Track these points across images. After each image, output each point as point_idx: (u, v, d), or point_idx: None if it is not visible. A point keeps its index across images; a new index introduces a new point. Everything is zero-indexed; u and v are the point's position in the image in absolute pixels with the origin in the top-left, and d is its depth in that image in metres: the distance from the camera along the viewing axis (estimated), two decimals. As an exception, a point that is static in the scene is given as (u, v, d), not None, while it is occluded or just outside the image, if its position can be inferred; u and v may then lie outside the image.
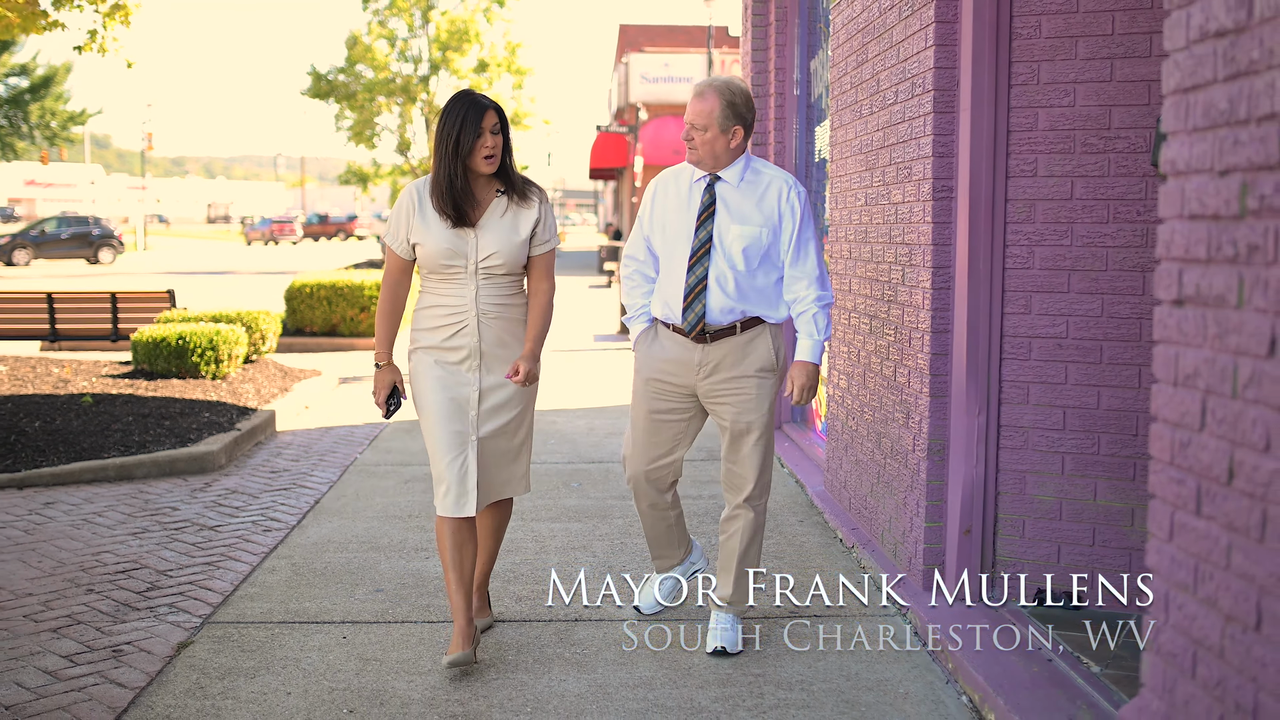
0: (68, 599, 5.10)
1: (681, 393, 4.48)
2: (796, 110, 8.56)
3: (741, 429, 4.39)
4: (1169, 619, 2.56)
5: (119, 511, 6.57)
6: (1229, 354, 2.32)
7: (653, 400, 4.51)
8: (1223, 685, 2.35)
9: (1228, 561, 2.33)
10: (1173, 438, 2.54)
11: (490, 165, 4.23)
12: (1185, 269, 2.48)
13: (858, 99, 5.96)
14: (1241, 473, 2.28)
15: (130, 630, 4.73)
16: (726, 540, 4.53)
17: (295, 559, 5.69)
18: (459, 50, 38.41)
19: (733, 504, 4.50)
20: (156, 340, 9.96)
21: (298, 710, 3.98)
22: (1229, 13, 2.31)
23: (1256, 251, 2.23)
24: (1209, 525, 2.40)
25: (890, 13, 5.36)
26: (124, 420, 8.27)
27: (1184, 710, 2.49)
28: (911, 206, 5.06)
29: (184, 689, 4.16)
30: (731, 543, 4.50)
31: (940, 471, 4.88)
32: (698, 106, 4.30)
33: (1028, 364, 4.67)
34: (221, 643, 4.61)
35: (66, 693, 4.11)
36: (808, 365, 4.35)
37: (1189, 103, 2.46)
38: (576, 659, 4.42)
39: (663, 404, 4.50)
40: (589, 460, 7.99)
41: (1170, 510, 2.55)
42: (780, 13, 8.68)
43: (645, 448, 4.56)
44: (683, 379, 4.45)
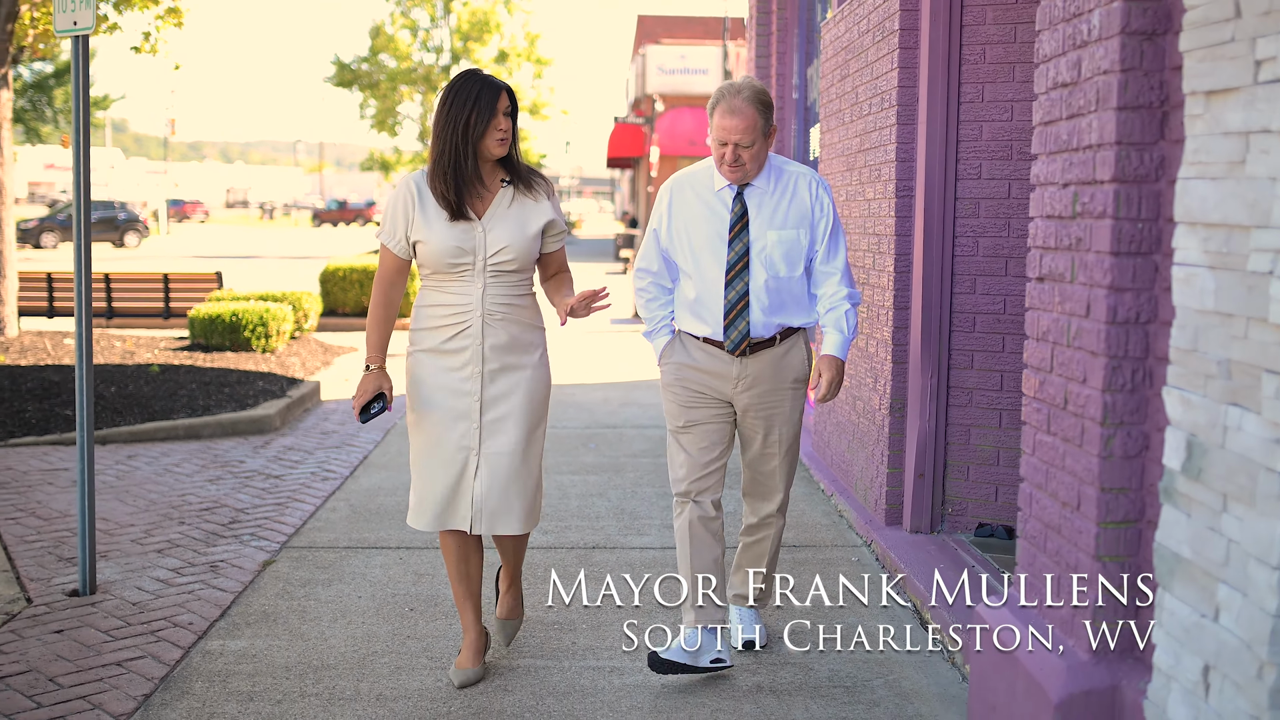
0: (164, 529, 6.05)
1: (719, 400, 4.29)
2: (795, 112, 9.46)
3: (775, 439, 4.31)
4: (1031, 511, 3.48)
5: (193, 464, 7.53)
6: (1065, 315, 3.24)
7: (691, 411, 4.30)
8: (1059, 553, 3.27)
9: (1064, 464, 3.25)
10: (1034, 378, 3.46)
11: (502, 149, 3.97)
12: (1043, 254, 3.40)
13: (841, 108, 6.87)
14: (1071, 400, 3.20)
15: (221, 552, 5.67)
16: (755, 544, 4.48)
17: (352, 501, 6.64)
18: (480, 40, 39.36)
19: (762, 513, 4.42)
20: (212, 317, 10.96)
21: (368, 609, 4.92)
22: (1068, 70, 3.23)
23: (1080, 242, 3.15)
24: (1054, 439, 3.32)
25: (866, 36, 6.26)
26: (188, 387, 9.25)
27: (1038, 576, 3.41)
28: (880, 203, 5.97)
29: (273, 593, 5.11)
30: (761, 546, 4.47)
31: (900, 426, 5.79)
32: (739, 124, 4.03)
33: (972, 335, 5.57)
34: (299, 562, 5.55)
35: (178, 595, 5.06)
36: (837, 361, 4.21)
37: (1045, 133, 3.38)
38: (594, 575, 5.36)
39: (702, 412, 4.30)
40: (604, 425, 8.94)
41: (1034, 431, 3.48)
42: (781, 23, 9.57)
43: (693, 454, 4.30)
44: (719, 390, 4.27)
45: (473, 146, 3.92)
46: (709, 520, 4.27)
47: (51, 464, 7.36)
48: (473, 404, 4.00)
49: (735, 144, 4.05)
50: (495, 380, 4.02)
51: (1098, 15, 3.06)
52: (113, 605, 4.90)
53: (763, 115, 4.07)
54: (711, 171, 4.23)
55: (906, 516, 5.69)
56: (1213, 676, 2.57)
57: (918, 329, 5.61)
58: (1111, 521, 3.05)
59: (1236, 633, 2.48)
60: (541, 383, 4.13)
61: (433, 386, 4.04)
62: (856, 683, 4.19)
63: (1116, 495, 3.05)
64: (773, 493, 4.38)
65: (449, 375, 4.02)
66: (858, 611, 4.81)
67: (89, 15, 4.65)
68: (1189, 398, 2.67)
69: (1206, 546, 2.59)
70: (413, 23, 38.82)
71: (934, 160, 5.51)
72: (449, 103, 3.92)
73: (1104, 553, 3.06)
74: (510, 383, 4.04)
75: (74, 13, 4.70)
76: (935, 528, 5.67)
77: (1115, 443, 3.04)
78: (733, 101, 4.05)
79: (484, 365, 4.00)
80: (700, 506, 4.28)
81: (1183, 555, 2.69)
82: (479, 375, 4.00)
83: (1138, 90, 2.96)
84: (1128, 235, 2.98)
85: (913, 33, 5.63)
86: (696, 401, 4.29)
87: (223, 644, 4.52)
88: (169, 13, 11.86)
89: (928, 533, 5.65)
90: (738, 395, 4.26)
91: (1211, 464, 2.58)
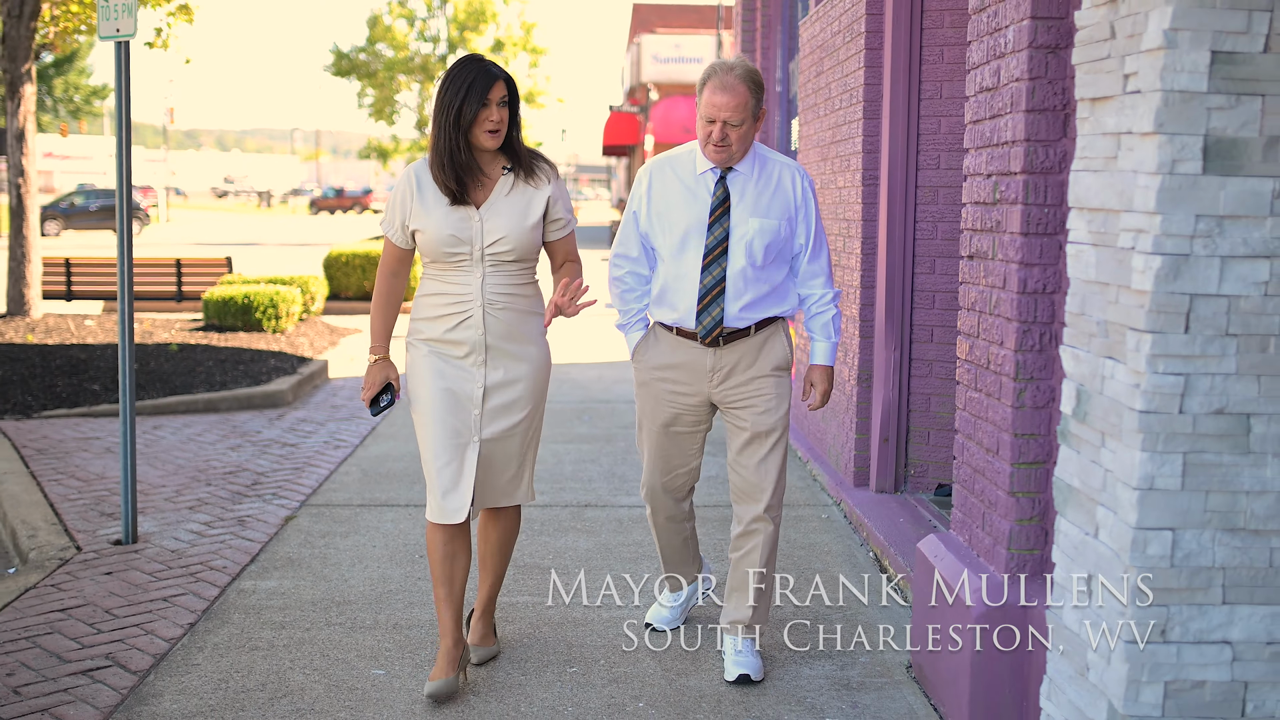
0: (193, 489, 6.59)
1: (694, 401, 4.16)
2: (779, 105, 9.98)
3: (762, 431, 4.10)
4: (963, 458, 4.03)
5: (214, 434, 8.06)
6: (988, 288, 3.78)
7: (664, 413, 4.20)
8: (983, 492, 3.82)
9: (986, 415, 3.79)
10: (965, 343, 4.00)
11: (494, 140, 3.87)
12: (972, 235, 3.94)
13: (816, 102, 7.40)
14: (992, 360, 3.74)
15: (246, 509, 6.21)
16: (743, 557, 4.17)
17: (364, 466, 7.18)
18: (476, 30, 39.81)
19: (749, 517, 4.15)
20: (225, 299, 11.51)
21: (382, 555, 5.46)
22: (990, 77, 3.77)
23: (999, 224, 3.69)
24: (979, 394, 3.86)
25: (837, 37, 6.79)
26: (205, 364, 9.80)
27: (967, 512, 3.96)
28: (849, 191, 6.51)
29: (297, 543, 5.66)
30: (750, 559, 4.15)
31: (867, 395, 6.33)
32: (730, 100, 3.89)
33: (932, 312, 6.10)
34: (318, 517, 6.10)
35: (211, 544, 5.59)
36: (829, 371, 4.20)
37: (973, 131, 3.91)
38: (586, 528, 5.91)
39: (676, 416, 4.20)
40: (597, 400, 9.49)
41: (964, 389, 4.02)
42: (765, 20, 10.10)
43: (662, 460, 4.27)
44: (694, 386, 4.14)
45: (464, 135, 3.85)
46: (674, 516, 4.38)
47: (83, 433, 7.90)
48: (475, 391, 3.95)
49: (724, 121, 3.90)
50: (497, 368, 3.96)
51: (1012, 31, 3.60)
52: (153, 553, 5.45)
53: (754, 95, 3.93)
54: (694, 155, 4.10)
55: (873, 478, 6.23)
56: (1094, 584, 3.11)
57: (882, 306, 6.14)
58: (1023, 462, 3.60)
59: (1109, 545, 3.02)
60: (543, 370, 4.09)
61: (433, 375, 3.95)
62: (818, 616, 4.73)
63: (1027, 440, 3.59)
64: (759, 492, 4.11)
65: (450, 365, 3.96)
66: (824, 560, 5.36)
67: (130, 23, 5.17)
68: (1078, 353, 3.21)
69: (1089, 476, 3.14)
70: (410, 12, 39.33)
71: (897, 151, 6.04)
72: (444, 90, 3.86)
73: (1017, 489, 3.61)
74: (512, 371, 3.99)
75: (117, 20, 5.22)
76: (899, 488, 6.21)
77: (1026, 395, 3.58)
78: (725, 78, 3.91)
79: (486, 354, 3.95)
80: (667, 508, 4.35)
81: (1073, 485, 3.24)
82: (481, 364, 3.95)
83: (1044, 95, 3.49)
84: (1035, 219, 3.52)
85: (878, 34, 6.15)
86: (671, 410, 4.19)
87: (254, 584, 5.07)
88: (180, 10, 12.37)
89: (892, 493, 6.19)
90: (715, 390, 4.13)
91: (1093, 408, 3.12)
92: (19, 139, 11.31)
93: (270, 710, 3.87)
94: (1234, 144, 2.80)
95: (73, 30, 11.74)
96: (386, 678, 4.14)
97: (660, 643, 4.45)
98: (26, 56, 11.27)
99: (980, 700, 3.62)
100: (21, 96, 11.25)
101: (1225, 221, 2.82)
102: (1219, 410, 2.87)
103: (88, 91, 60.29)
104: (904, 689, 4.08)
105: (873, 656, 4.35)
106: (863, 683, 4.12)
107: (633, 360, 4.28)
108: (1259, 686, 2.93)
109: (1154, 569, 2.90)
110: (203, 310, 12.01)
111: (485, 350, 3.95)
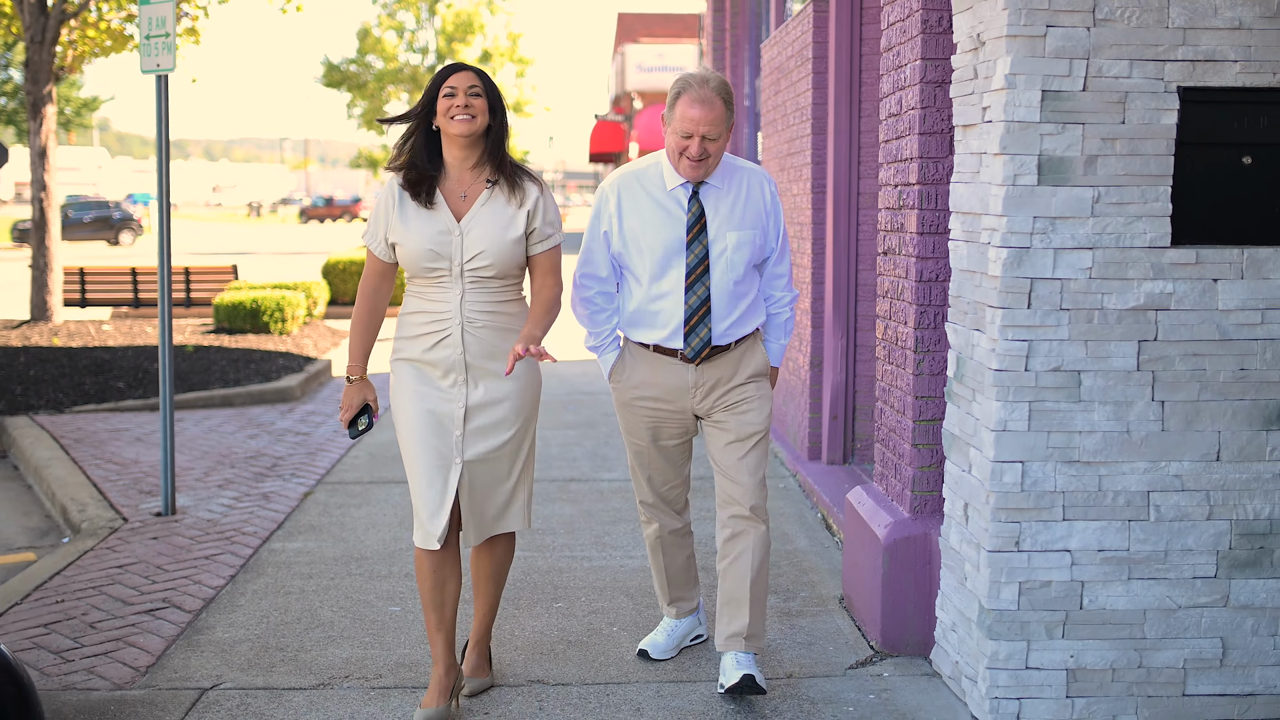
0: (219, 471, 7.38)
1: (678, 416, 4.10)
2: (748, 118, 10.80)
3: (746, 436, 4.05)
4: (881, 421, 4.84)
5: (232, 425, 8.85)
6: (897, 278, 4.59)
7: (650, 430, 4.14)
8: (895, 447, 4.63)
9: (896, 383, 4.60)
10: (882, 324, 4.81)
11: (462, 126, 3.72)
12: (885, 235, 4.75)
13: (774, 118, 8.21)
14: (899, 338, 4.56)
15: (268, 487, 7.00)
16: (733, 564, 4.04)
17: (371, 451, 7.97)
18: (464, 41, 40.64)
19: (737, 519, 4.04)
20: (235, 304, 12.34)
21: (392, 521, 6.25)
22: (895, 105, 4.58)
23: (903, 226, 4.50)
24: (891, 366, 4.67)
25: (790, 60, 7.60)
26: (219, 364, 10.60)
27: (884, 465, 4.76)
28: (801, 198, 7.32)
29: (316, 512, 6.45)
30: (740, 565, 4.02)
31: (819, 379, 7.14)
32: (708, 114, 3.80)
33: (873, 303, 6.90)
34: (333, 492, 6.89)
35: (241, 515, 6.38)
36: (776, 371, 4.26)
37: (885, 148, 4.73)
38: (571, 498, 6.71)
39: (662, 432, 4.15)
40: (582, 392, 10.30)
41: (881, 363, 4.83)
42: (734, 40, 10.92)
43: (656, 473, 4.23)
44: (677, 403, 4.07)
45: (432, 125, 3.79)
46: (676, 530, 4.33)
47: (113, 426, 8.69)
48: (456, 412, 3.83)
49: (703, 136, 3.81)
50: (479, 388, 3.84)
51: (909, 68, 4.41)
52: (191, 522, 6.24)
53: (728, 109, 3.87)
54: (661, 168, 3.99)
55: (824, 452, 7.03)
56: (969, 510, 3.92)
57: (830, 299, 6.95)
58: (923, 420, 4.40)
59: (977, 476, 3.82)
60: (529, 388, 3.93)
61: (415, 398, 3.85)
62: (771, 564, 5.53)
63: (925, 401, 4.40)
64: (745, 492, 4.02)
65: (431, 386, 3.85)
66: (779, 521, 6.16)
67: (170, 59, 5.96)
68: (956, 328, 4.01)
69: (965, 425, 3.94)
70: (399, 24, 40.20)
71: (840, 163, 6.85)
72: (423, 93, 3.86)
73: (919, 442, 4.41)
74: (495, 390, 3.85)
75: (157, 56, 6.01)
76: (847, 460, 7.02)
77: (924, 364, 4.39)
78: (701, 91, 3.81)
79: (467, 374, 3.83)
80: (667, 521, 4.31)
81: (955, 433, 4.04)
82: (462, 384, 3.83)
83: (933, 121, 4.30)
84: (928, 221, 4.33)
85: (823, 59, 6.96)
86: (657, 427, 4.13)
87: (283, 545, 5.86)
88: (187, 32, 13.15)
89: (841, 464, 6.99)
90: (698, 404, 4.07)
91: (967, 370, 3.92)
92: (41, 155, 12.13)
93: (306, 637, 4.66)
94: (1061, 161, 3.62)
95: (87, 53, 12.53)
96: (401, 613, 4.93)
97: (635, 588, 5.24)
98: (47, 79, 12.07)
99: (890, 614, 4.43)
100: (43, 116, 12.06)
101: (1057, 221, 3.64)
102: (1056, 368, 3.68)
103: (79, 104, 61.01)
104: (835, 615, 4.88)
105: (811, 591, 5.16)
106: (801, 611, 4.92)
107: (610, 381, 4.19)
108: (1092, 584, 3.75)
109: (1009, 494, 3.71)
110: (213, 314, 12.84)
111: (465, 369, 3.82)
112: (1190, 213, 3.68)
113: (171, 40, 5.94)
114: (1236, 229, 3.70)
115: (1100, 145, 3.62)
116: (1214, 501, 3.74)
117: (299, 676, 4.28)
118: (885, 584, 4.42)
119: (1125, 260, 3.66)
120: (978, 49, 3.83)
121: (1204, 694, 3.80)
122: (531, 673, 4.32)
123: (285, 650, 4.53)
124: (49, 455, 7.69)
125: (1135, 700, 3.79)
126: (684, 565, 4.39)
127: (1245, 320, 3.69)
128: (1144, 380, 3.69)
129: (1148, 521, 3.73)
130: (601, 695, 4.13)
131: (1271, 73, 3.63)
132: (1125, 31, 3.60)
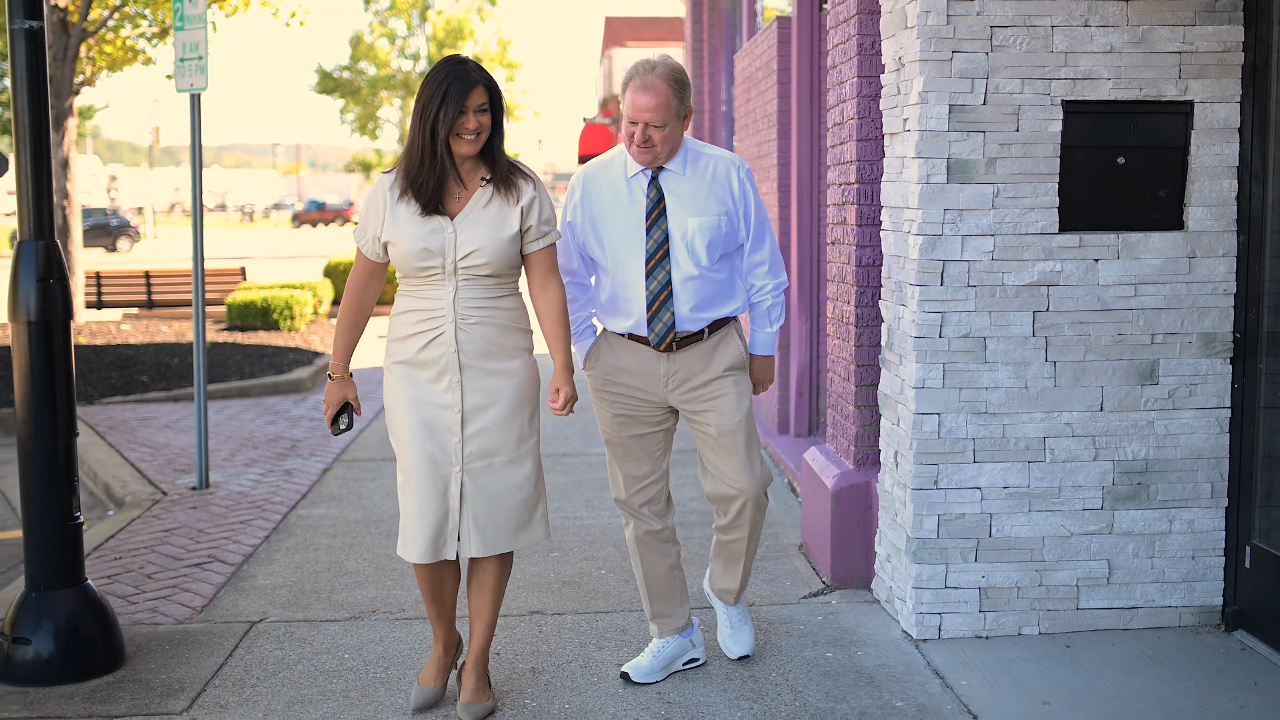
0: (244, 452, 8.10)
1: (652, 404, 4.08)
2: (725, 123, 11.53)
3: (727, 432, 4.02)
4: (831, 389, 5.57)
5: (250, 413, 9.58)
6: (841, 264, 5.33)
7: (624, 421, 4.11)
8: (842, 409, 5.37)
9: (842, 354, 5.34)
10: (830, 305, 5.55)
11: (472, 146, 3.66)
12: (833, 227, 5.49)
13: (746, 124, 8.95)
14: (843, 316, 5.30)
15: (290, 464, 7.73)
16: (730, 543, 4.22)
17: (380, 433, 8.70)
18: (455, 46, 41.34)
19: (722, 496, 4.10)
20: (246, 303, 13.10)
21: (404, 491, 6.98)
22: (838, 114, 5.32)
23: (845, 220, 5.24)
24: (838, 340, 5.41)
25: (759, 70, 8.34)
26: (235, 358, 11.33)
27: (834, 425, 5.50)
28: (770, 196, 8.05)
29: (335, 485, 7.18)
30: (736, 547, 4.20)
31: (785, 359, 7.87)
32: (650, 101, 3.78)
33: (835, 291, 7.63)
34: (349, 468, 7.62)
35: (268, 488, 7.10)
36: (767, 360, 4.24)
37: (832, 152, 5.47)
38: (563, 470, 7.44)
39: (635, 419, 4.11)
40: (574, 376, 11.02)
41: (830, 338, 5.57)
42: (711, 50, 11.67)
43: (630, 467, 4.16)
44: (650, 392, 4.06)
45: (441, 143, 3.64)
46: (655, 532, 4.20)
47: (141, 415, 9.41)
48: (453, 417, 3.72)
49: (646, 123, 3.81)
50: (475, 389, 3.73)
51: (848, 84, 5.15)
52: (224, 494, 6.96)
53: (677, 94, 3.83)
54: (624, 157, 4.00)
55: (791, 425, 7.77)
56: (898, 457, 4.65)
57: (796, 286, 7.68)
58: (863, 385, 5.14)
59: (903, 427, 4.56)
60: (528, 387, 3.84)
61: (409, 401, 3.74)
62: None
63: (865, 369, 5.14)
64: (740, 490, 4.06)
65: (425, 389, 3.74)
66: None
67: (203, 79, 6.68)
68: (887, 304, 4.75)
69: (894, 385, 4.68)
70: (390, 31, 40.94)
71: (803, 164, 7.58)
72: (423, 90, 3.67)
73: (860, 404, 5.15)
74: (492, 391, 3.75)
75: (190, 77, 6.73)
76: (812, 433, 7.76)
77: (864, 337, 5.12)
78: (646, 78, 3.81)
79: (461, 374, 3.71)
80: (644, 521, 4.19)
81: (887, 393, 4.78)
82: (457, 385, 3.72)
83: (868, 130, 5.04)
84: (865, 214, 5.07)
85: (787, 70, 7.70)
86: (629, 416, 4.11)
87: (308, 512, 6.59)
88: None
89: (806, 436, 7.73)
90: (670, 394, 4.06)
91: (895, 340, 4.66)
92: (63, 166, 12.87)
93: (336, 582, 5.39)
94: (966, 163, 4.36)
95: (105, 68, 13.25)
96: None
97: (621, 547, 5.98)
98: (69, 94, 12.80)
99: (838, 553, 5.16)
100: (65, 129, 12.79)
101: (964, 213, 4.38)
102: (965, 335, 4.42)
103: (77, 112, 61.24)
104: (794, 559, 5.62)
105: (775, 540, 5.89)
106: (764, 556, 5.65)
107: (585, 369, 4.19)
108: (999, 516, 4.49)
109: (928, 440, 4.45)
110: (226, 313, 13.60)
111: (459, 370, 3.71)
112: (1074, 204, 4.42)
113: (205, 62, 6.66)
114: (1113, 217, 4.45)
115: (999, 149, 4.36)
116: (1099, 445, 4.48)
117: (333, 611, 5.02)
118: (834, 527, 5.16)
119: (1021, 245, 4.40)
120: (899, 70, 4.57)
121: (1094, 608, 4.55)
122: (531, 605, 5.05)
123: (319, 593, 5.26)
124: (87, 441, 8.40)
125: (1037, 614, 4.54)
126: (666, 575, 4.22)
127: (1121, 294, 4.44)
128: (1039, 344, 4.44)
129: (1044, 462, 4.48)
130: (592, 621, 4.86)
131: (1139, 89, 4.38)
132: (1017, 55, 4.34)
